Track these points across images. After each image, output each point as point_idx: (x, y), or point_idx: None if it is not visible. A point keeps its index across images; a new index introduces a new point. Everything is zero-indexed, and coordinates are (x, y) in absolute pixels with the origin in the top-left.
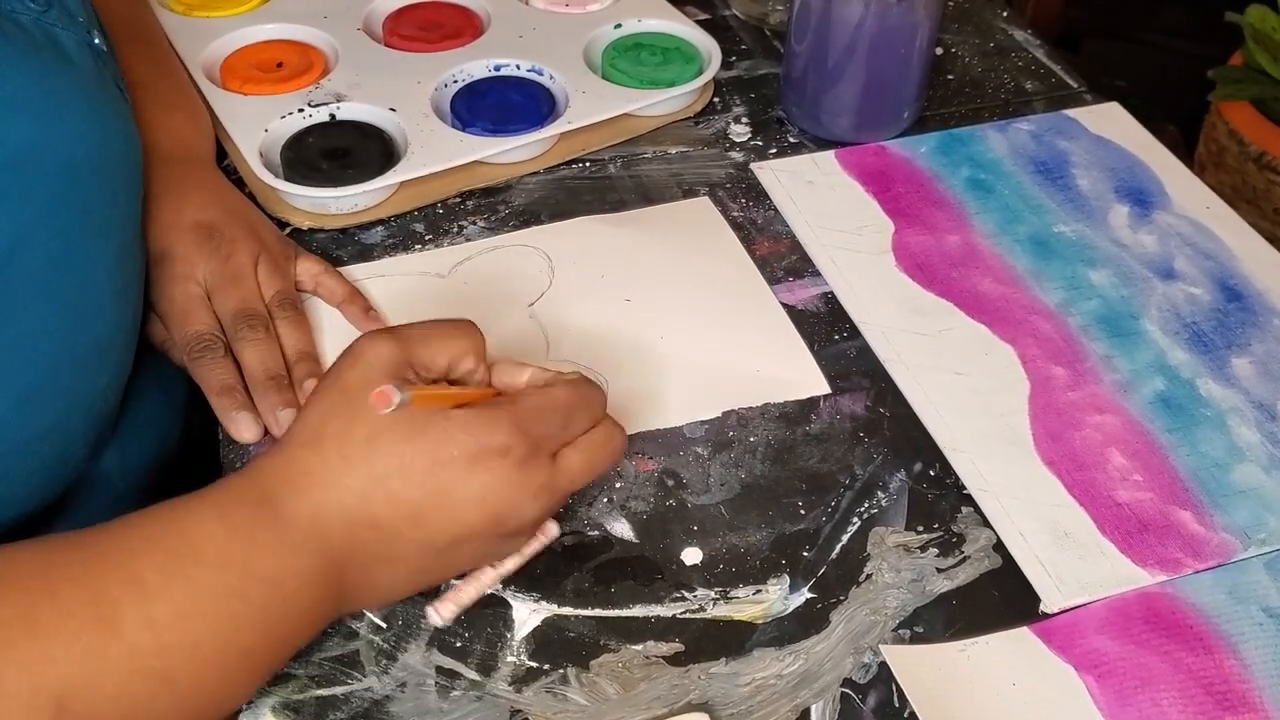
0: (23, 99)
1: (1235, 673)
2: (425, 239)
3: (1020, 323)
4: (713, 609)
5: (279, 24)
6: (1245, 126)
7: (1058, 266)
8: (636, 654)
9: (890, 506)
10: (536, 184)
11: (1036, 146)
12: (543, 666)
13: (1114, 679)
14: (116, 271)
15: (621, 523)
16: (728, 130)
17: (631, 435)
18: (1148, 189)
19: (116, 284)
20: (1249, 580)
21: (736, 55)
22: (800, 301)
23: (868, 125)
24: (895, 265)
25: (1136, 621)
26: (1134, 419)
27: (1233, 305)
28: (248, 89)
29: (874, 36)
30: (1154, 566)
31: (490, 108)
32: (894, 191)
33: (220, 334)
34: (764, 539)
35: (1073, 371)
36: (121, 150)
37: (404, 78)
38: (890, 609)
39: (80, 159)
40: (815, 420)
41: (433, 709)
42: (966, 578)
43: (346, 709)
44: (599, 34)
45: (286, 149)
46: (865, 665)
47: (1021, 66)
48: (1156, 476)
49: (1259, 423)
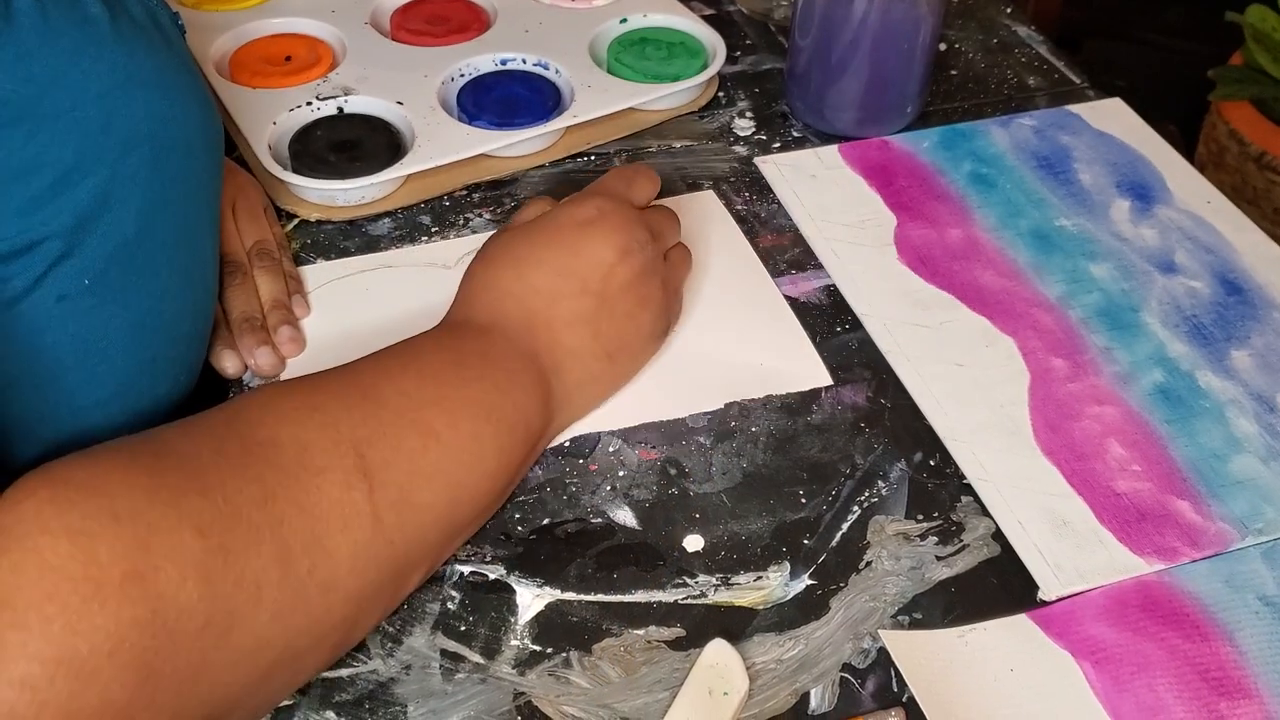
0: (150, 78)
1: (1231, 660)
2: (432, 231)
3: (1021, 315)
4: (714, 595)
5: (287, 18)
6: (1245, 126)
7: (1059, 260)
8: (638, 638)
9: (890, 495)
10: (542, 177)
11: (1039, 141)
12: (546, 650)
13: (1111, 666)
14: (216, 245)
15: (624, 510)
16: (732, 124)
17: (634, 425)
18: (1149, 184)
19: (216, 258)
20: (1246, 569)
21: (741, 50)
22: (803, 294)
23: (871, 120)
24: (897, 258)
25: (1134, 609)
26: (1133, 410)
27: (1232, 299)
28: (256, 82)
29: (878, 32)
30: (1152, 555)
31: (496, 101)
32: (897, 185)
33: None
34: (765, 527)
35: (1073, 363)
36: (216, 127)
37: (411, 71)
38: (890, 596)
39: (195, 135)
40: (817, 411)
41: (437, 691)
42: (965, 565)
43: (352, 690)
44: (605, 28)
45: (295, 142)
46: (864, 650)
47: (1025, 62)
48: (1155, 467)
49: (1257, 414)
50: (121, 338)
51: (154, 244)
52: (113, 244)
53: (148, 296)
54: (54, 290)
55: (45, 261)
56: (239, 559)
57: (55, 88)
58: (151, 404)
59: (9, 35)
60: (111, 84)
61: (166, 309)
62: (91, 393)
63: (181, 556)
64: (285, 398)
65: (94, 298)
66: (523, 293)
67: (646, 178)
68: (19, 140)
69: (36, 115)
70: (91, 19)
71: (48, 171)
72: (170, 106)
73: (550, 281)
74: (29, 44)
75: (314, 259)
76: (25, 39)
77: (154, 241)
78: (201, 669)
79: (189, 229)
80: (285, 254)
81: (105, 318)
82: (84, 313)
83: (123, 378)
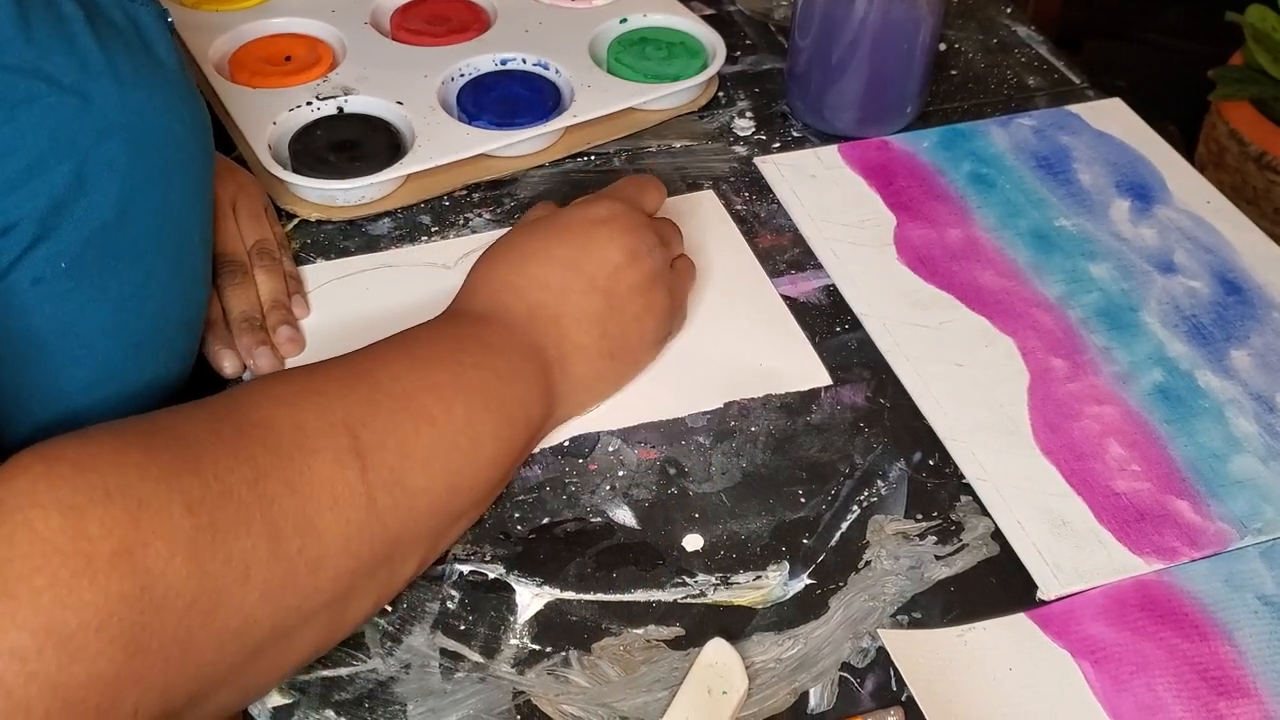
0: (126, 74)
1: (1230, 659)
2: (432, 231)
3: (1020, 315)
4: (713, 594)
5: (287, 18)
6: (1245, 126)
7: (1058, 260)
8: (637, 637)
9: (890, 495)
10: (542, 177)
11: (1038, 141)
12: (545, 649)
13: (1110, 665)
14: (207, 235)
15: (624, 510)
16: (732, 124)
17: (634, 425)
18: (1149, 184)
19: (207, 247)
20: (1245, 569)
21: (741, 50)
22: (802, 294)
23: (871, 120)
24: (897, 258)
25: (1133, 609)
26: (1132, 410)
27: (1232, 299)
28: (256, 82)
29: (877, 32)
30: (1151, 555)
31: (496, 101)
32: (896, 185)
33: None
34: (764, 526)
35: (1072, 363)
36: (203, 118)
37: (411, 71)
38: (889, 595)
39: (178, 125)
40: (816, 411)
41: (436, 690)
42: (964, 565)
43: (351, 689)
44: (605, 28)
45: (294, 142)
46: (863, 650)
47: (1024, 63)
48: (1154, 466)
49: (1257, 414)
50: (102, 321)
51: (135, 230)
52: (89, 229)
53: (129, 282)
54: (29, 273)
55: (20, 245)
56: (228, 537)
57: (29, 76)
58: (141, 388)
59: None
60: (84, 75)
61: (151, 295)
62: (74, 375)
63: (171, 533)
64: (284, 383)
65: (71, 281)
66: (526, 285)
67: (656, 188)
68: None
69: (10, 101)
70: (65, 17)
71: (21, 155)
72: (149, 98)
73: (560, 276)
74: (4, 34)
75: (314, 259)
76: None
77: (135, 227)
78: (189, 645)
79: (174, 217)
80: (285, 254)
81: (83, 301)
82: (61, 296)
83: (106, 361)
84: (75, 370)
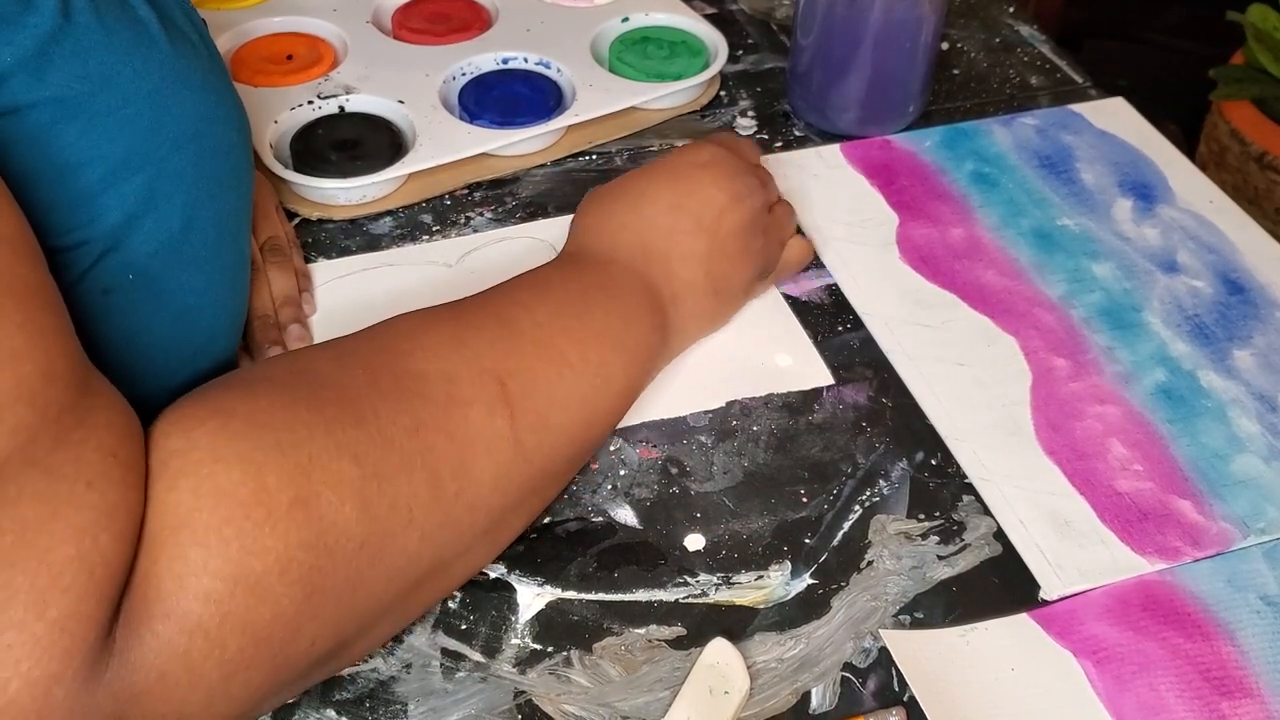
0: (196, 79)
1: (1233, 660)
2: (433, 230)
3: (1023, 315)
4: (715, 594)
5: (288, 16)
6: (1246, 126)
7: (1061, 259)
8: (639, 637)
9: (892, 495)
10: (543, 176)
11: (1041, 141)
12: (546, 649)
13: (1112, 665)
14: (250, 243)
15: (625, 509)
16: (734, 124)
17: (635, 424)
18: (1151, 183)
19: (250, 255)
20: (1248, 569)
21: (743, 49)
22: (804, 293)
23: (873, 119)
24: (899, 257)
25: (1135, 609)
26: (1135, 409)
27: (1235, 298)
28: (258, 81)
29: (880, 31)
30: (1153, 555)
31: (498, 100)
32: (899, 185)
33: None
34: (766, 526)
35: (1074, 363)
36: (249, 128)
37: (412, 70)
38: (891, 595)
39: (233, 135)
40: (818, 410)
41: (437, 690)
42: (967, 565)
43: (352, 689)
44: (606, 27)
45: (296, 141)
46: (865, 650)
47: (1027, 62)
48: (1157, 466)
49: (1259, 414)
50: (161, 334)
51: (197, 240)
52: (157, 241)
53: (190, 293)
54: (99, 283)
55: (92, 255)
56: (392, 485)
57: (108, 86)
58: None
59: (67, 32)
60: (161, 83)
61: (205, 305)
62: (130, 392)
63: (340, 483)
64: (432, 330)
65: (137, 292)
66: (640, 225)
67: (750, 144)
68: (72, 136)
69: (90, 112)
70: (141, 20)
71: (98, 166)
72: (214, 107)
73: (667, 217)
74: (85, 42)
75: (315, 258)
76: (82, 37)
77: (198, 238)
78: (359, 584)
79: (229, 227)
80: (295, 250)
81: (147, 313)
82: (127, 307)
83: (162, 372)
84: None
